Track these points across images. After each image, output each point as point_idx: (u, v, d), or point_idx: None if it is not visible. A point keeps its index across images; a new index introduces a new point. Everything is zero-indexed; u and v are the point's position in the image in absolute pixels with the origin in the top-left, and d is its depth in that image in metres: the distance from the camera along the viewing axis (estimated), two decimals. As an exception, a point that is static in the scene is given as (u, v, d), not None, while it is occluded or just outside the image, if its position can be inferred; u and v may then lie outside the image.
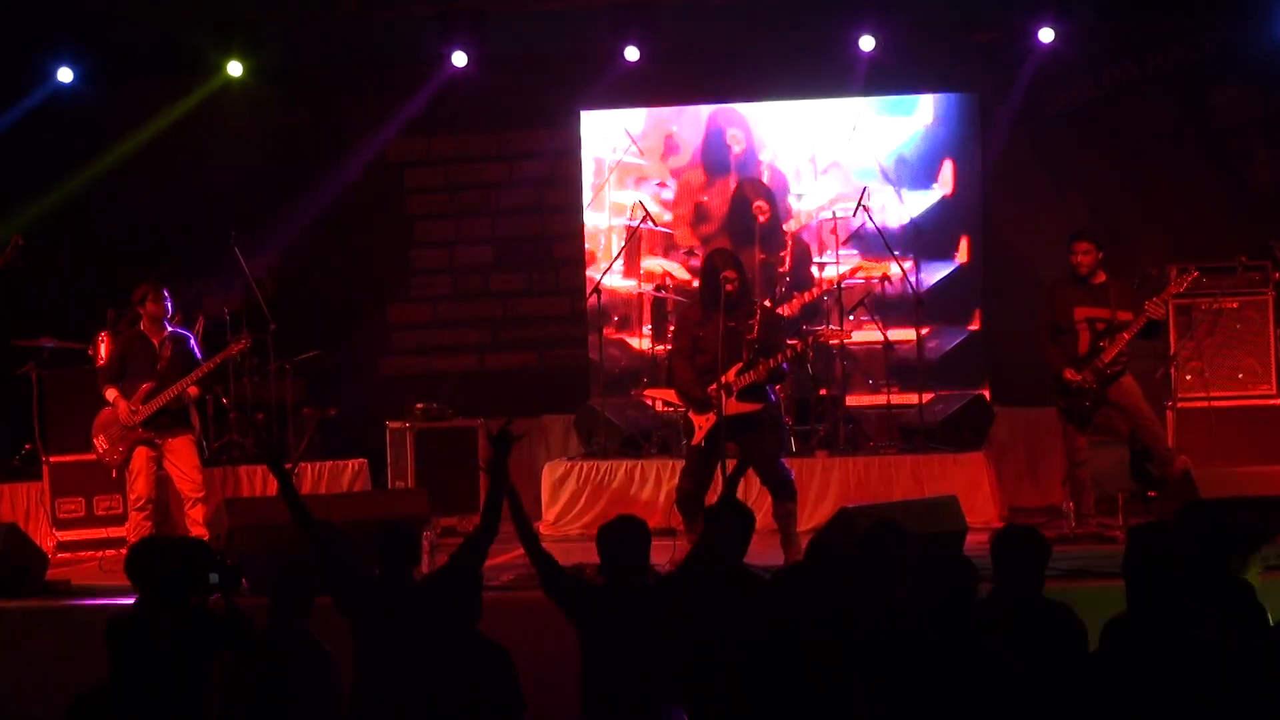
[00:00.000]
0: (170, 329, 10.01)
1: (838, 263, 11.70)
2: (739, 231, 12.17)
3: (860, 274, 11.80)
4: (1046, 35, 11.82)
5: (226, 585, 6.52)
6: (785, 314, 11.19)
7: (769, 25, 12.20)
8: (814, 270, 11.93)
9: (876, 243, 11.45)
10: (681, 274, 12.24)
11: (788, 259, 12.08)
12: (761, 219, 11.98)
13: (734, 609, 6.16)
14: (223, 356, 9.95)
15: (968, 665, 5.43)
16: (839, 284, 11.33)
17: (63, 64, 12.43)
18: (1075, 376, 9.31)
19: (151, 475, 9.81)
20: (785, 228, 12.29)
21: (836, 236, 11.69)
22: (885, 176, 12.15)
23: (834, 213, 11.86)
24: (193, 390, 9.93)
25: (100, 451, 9.92)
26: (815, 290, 11.57)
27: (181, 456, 9.84)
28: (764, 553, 8.68)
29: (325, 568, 6.30)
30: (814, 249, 12.10)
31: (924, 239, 12.04)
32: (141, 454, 9.79)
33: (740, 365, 8.76)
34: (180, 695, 5.83)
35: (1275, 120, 11.83)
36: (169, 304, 9.97)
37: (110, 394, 9.87)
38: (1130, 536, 5.94)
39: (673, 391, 9.23)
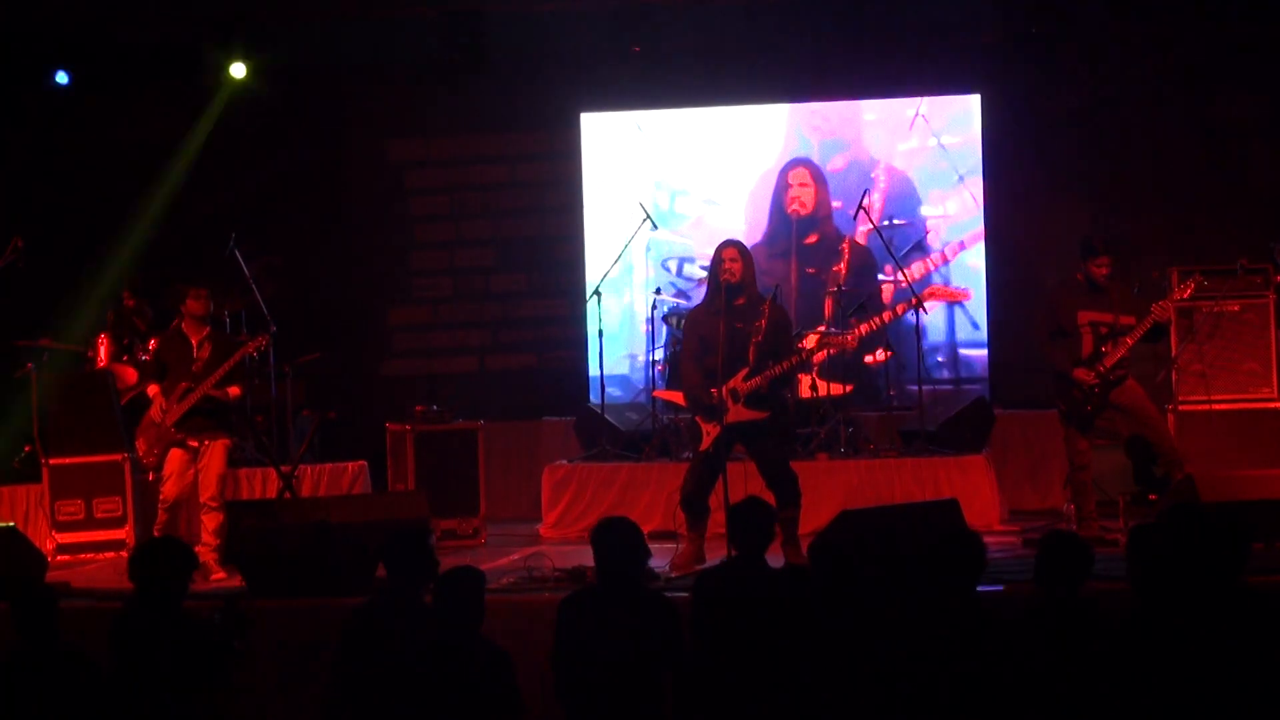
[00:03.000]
0: (211, 329, 9.68)
1: (896, 281, 11.03)
2: (779, 233, 11.11)
3: (923, 305, 10.22)
4: (1046, 35, 11.88)
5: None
6: (845, 344, 10.18)
7: (770, 26, 12.20)
8: (879, 286, 10.77)
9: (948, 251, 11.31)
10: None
11: (843, 272, 10.47)
12: (798, 208, 10.42)
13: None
14: (241, 354, 9.54)
15: (973, 664, 5.45)
16: (903, 313, 10.18)
17: (60, 66, 12.45)
18: (1087, 375, 9.26)
19: (183, 480, 9.44)
20: (853, 236, 11.60)
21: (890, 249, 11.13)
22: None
23: (890, 220, 10.99)
24: (233, 391, 9.55)
25: (140, 453, 9.67)
26: (877, 321, 9.81)
27: (211, 462, 9.47)
28: (764, 556, 8.67)
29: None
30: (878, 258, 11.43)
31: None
32: (176, 456, 9.44)
33: (747, 370, 8.71)
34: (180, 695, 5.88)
35: (1275, 121, 11.82)
36: (209, 303, 9.61)
37: (152, 390, 9.61)
38: (1131, 537, 5.96)
39: (681, 394, 9.15)
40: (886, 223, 11.44)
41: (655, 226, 11.70)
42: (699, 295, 10.83)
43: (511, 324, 13.02)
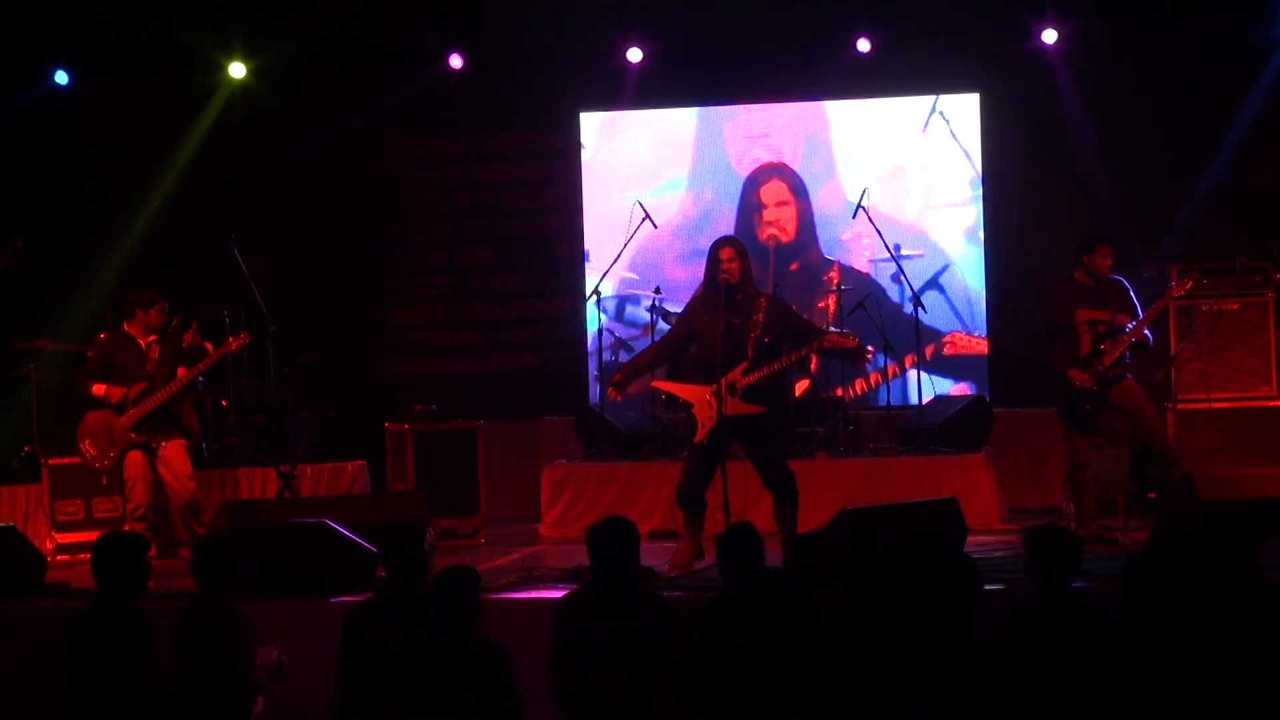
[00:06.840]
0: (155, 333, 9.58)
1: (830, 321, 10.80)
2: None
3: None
4: (1050, 36, 11.91)
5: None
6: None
7: (770, 26, 12.21)
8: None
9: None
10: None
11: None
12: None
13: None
14: (221, 353, 9.52)
15: (969, 664, 5.45)
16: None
17: (60, 66, 12.46)
18: (1081, 376, 9.26)
19: (149, 482, 9.42)
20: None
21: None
22: None
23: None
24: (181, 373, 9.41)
25: (88, 457, 9.47)
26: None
27: (174, 461, 9.40)
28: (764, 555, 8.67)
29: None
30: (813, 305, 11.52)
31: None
32: (136, 460, 9.38)
33: (745, 364, 8.67)
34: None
35: (1275, 119, 11.83)
36: (165, 315, 9.57)
37: (99, 389, 9.43)
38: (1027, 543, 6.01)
39: (681, 386, 8.99)
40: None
41: (655, 225, 11.68)
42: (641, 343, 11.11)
43: (511, 324, 13.03)
